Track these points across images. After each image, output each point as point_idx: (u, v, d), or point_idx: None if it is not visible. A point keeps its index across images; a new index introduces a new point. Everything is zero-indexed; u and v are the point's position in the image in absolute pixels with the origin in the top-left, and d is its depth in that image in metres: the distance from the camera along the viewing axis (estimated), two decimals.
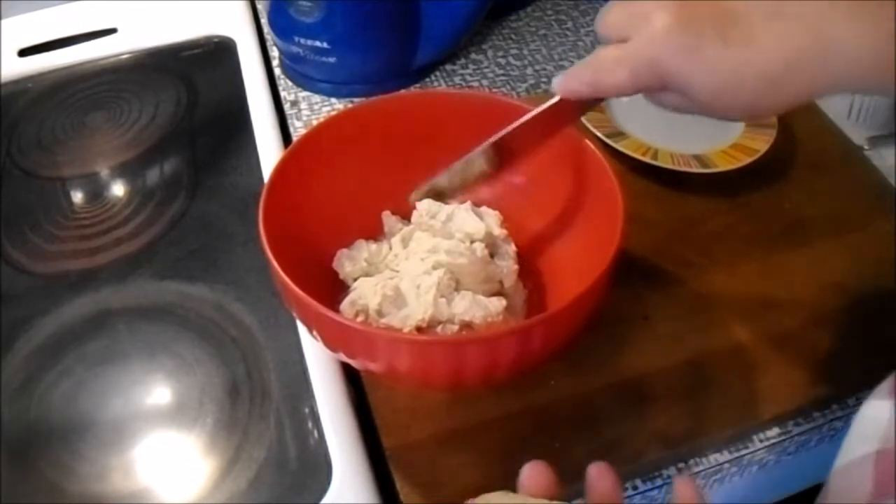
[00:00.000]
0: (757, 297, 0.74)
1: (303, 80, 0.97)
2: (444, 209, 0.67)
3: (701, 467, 0.65)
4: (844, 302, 0.73)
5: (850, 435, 0.55)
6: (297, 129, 0.91)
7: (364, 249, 0.67)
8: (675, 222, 0.80)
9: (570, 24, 1.07)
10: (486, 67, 1.00)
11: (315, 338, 0.57)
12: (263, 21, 1.05)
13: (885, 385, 0.55)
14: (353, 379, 0.68)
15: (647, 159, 0.81)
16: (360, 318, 0.62)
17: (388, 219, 0.70)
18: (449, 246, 0.63)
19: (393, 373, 0.57)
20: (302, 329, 0.69)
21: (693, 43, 0.49)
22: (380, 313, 0.62)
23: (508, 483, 0.62)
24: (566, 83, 0.57)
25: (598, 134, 0.83)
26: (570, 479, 0.62)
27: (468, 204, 0.68)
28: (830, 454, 0.52)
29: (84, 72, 1.01)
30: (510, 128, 0.61)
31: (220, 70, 0.99)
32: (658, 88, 0.53)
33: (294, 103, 0.95)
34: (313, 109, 0.94)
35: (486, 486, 0.62)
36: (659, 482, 0.64)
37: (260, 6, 1.07)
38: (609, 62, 0.54)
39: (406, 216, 0.70)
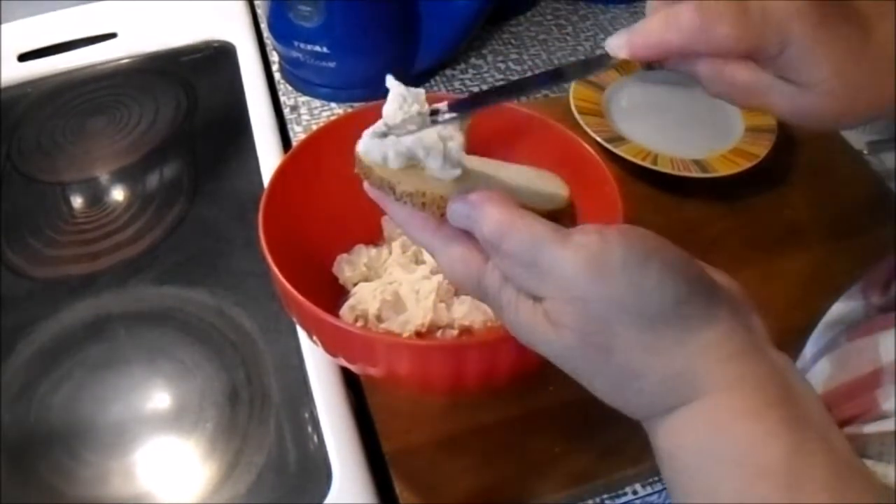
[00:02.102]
0: (757, 301, 0.73)
1: (302, 85, 0.97)
2: None
3: None
4: None
5: (818, 332, 0.57)
6: (297, 134, 0.91)
7: (364, 254, 0.67)
8: (674, 227, 0.79)
9: (569, 29, 1.07)
10: (486, 72, 1.00)
11: (315, 342, 0.57)
12: (263, 26, 1.05)
13: (854, 289, 0.57)
14: (352, 383, 0.68)
15: (646, 164, 0.81)
16: (359, 323, 0.62)
17: (388, 224, 0.70)
18: None
19: (392, 377, 0.57)
20: (302, 334, 0.69)
21: None
22: (379, 318, 0.62)
23: (509, 487, 0.62)
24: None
25: (598, 139, 0.83)
26: (569, 482, 0.62)
27: None
28: None
29: (84, 76, 1.01)
30: None
31: (220, 75, 1.00)
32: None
33: (294, 108, 0.95)
34: (313, 114, 0.94)
35: (485, 490, 0.62)
36: (658, 486, 0.64)
37: (260, 11, 1.08)
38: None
39: None
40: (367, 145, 0.47)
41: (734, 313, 0.40)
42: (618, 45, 0.48)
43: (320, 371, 0.68)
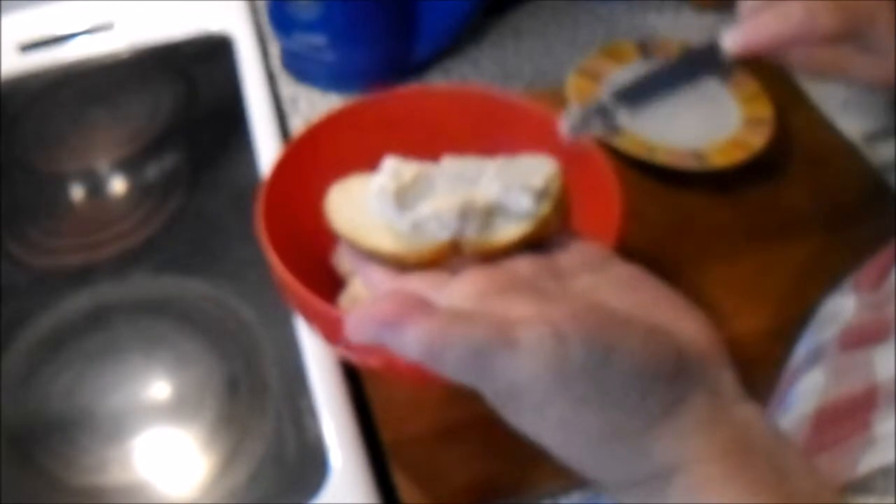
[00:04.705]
0: (755, 292, 0.74)
1: (301, 76, 0.97)
2: None
3: None
4: None
5: (811, 327, 0.56)
6: (296, 125, 0.91)
7: None
8: (672, 218, 0.80)
9: (567, 21, 1.07)
10: (484, 64, 1.00)
11: (314, 332, 0.57)
12: (262, 17, 1.05)
13: (847, 283, 0.57)
14: (351, 373, 0.69)
15: (644, 156, 0.81)
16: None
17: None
18: None
19: (391, 368, 0.57)
20: (301, 324, 0.69)
21: None
22: None
23: (508, 476, 0.62)
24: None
25: None
26: (568, 472, 0.62)
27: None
28: None
29: (83, 68, 1.01)
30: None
31: (219, 66, 0.99)
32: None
33: (292, 99, 0.95)
34: (312, 105, 0.94)
35: (484, 480, 0.62)
36: None
37: (259, 2, 1.07)
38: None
39: None
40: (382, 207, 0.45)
41: (700, 382, 0.37)
42: (733, 40, 0.56)
43: (319, 361, 0.68)
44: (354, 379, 0.68)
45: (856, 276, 0.58)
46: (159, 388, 0.69)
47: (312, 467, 0.63)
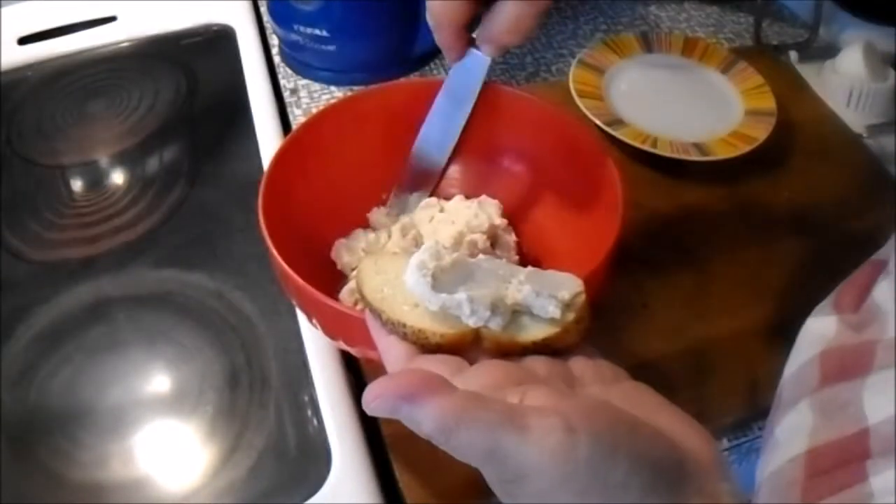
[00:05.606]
0: (757, 284, 0.74)
1: (302, 69, 0.97)
2: (438, 204, 0.67)
3: None
4: None
5: (794, 351, 0.56)
6: (297, 118, 0.91)
7: (362, 239, 0.67)
8: (674, 210, 0.80)
9: (569, 13, 1.06)
10: None
11: (315, 326, 0.57)
12: (263, 9, 1.04)
13: (827, 302, 0.56)
14: (352, 366, 0.69)
15: (646, 147, 0.81)
16: (359, 307, 0.62)
17: (375, 214, 0.70)
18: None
19: None
20: (302, 317, 0.69)
21: None
22: None
23: None
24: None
25: (598, 122, 0.83)
26: None
27: (459, 197, 0.68)
28: None
29: (84, 60, 1.01)
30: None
31: (220, 58, 0.99)
32: None
33: (293, 91, 0.95)
34: (313, 97, 0.94)
35: None
36: None
37: None
38: None
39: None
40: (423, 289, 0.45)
41: (700, 490, 0.37)
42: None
43: (320, 354, 0.68)
44: (355, 372, 0.68)
45: (835, 296, 0.58)
46: (159, 381, 0.68)
47: (313, 461, 0.62)
